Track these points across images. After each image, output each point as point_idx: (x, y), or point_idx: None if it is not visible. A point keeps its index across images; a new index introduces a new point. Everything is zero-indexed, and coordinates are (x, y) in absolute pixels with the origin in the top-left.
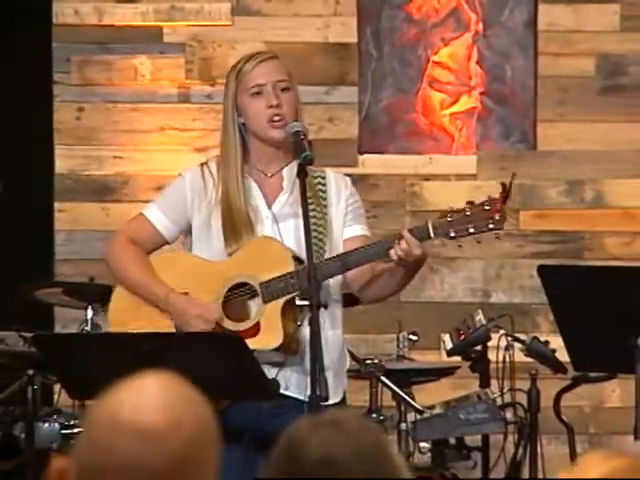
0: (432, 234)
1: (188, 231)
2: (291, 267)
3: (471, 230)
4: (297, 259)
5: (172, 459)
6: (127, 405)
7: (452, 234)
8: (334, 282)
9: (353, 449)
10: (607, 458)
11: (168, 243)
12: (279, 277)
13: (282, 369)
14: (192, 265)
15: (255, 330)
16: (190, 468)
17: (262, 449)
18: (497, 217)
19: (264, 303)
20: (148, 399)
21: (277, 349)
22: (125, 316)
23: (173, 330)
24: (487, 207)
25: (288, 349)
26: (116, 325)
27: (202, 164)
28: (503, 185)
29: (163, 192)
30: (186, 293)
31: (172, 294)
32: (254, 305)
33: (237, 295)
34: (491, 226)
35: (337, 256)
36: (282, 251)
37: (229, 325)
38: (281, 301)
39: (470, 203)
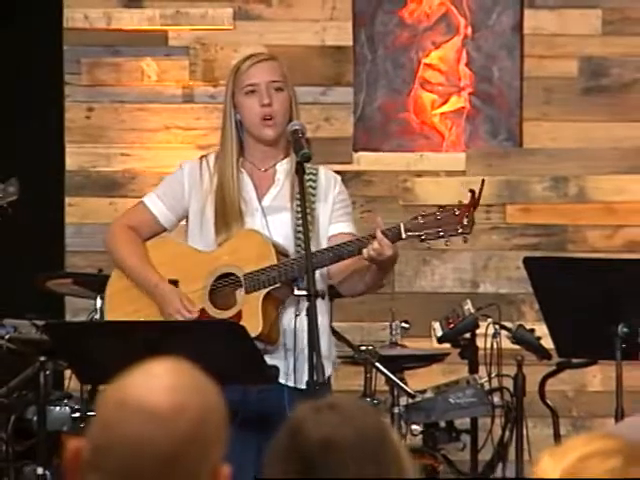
0: (404, 235)
1: (186, 220)
2: (274, 260)
3: (441, 233)
4: (281, 253)
5: (177, 440)
6: (136, 387)
7: (423, 236)
8: (318, 274)
9: (354, 431)
10: (591, 439)
11: (166, 230)
12: (262, 269)
13: (265, 356)
14: (181, 253)
15: (237, 318)
16: (195, 450)
17: (247, 429)
18: (465, 222)
19: (246, 293)
20: (157, 382)
21: (257, 337)
22: (121, 298)
23: (158, 315)
24: (457, 212)
25: (268, 338)
26: (112, 307)
27: (202, 157)
28: (472, 192)
29: (162, 182)
30: (176, 281)
31: (161, 284)
32: (239, 295)
33: (223, 285)
34: (460, 230)
35: (323, 250)
36: (267, 245)
37: (214, 313)
38: (262, 292)
39: (441, 207)
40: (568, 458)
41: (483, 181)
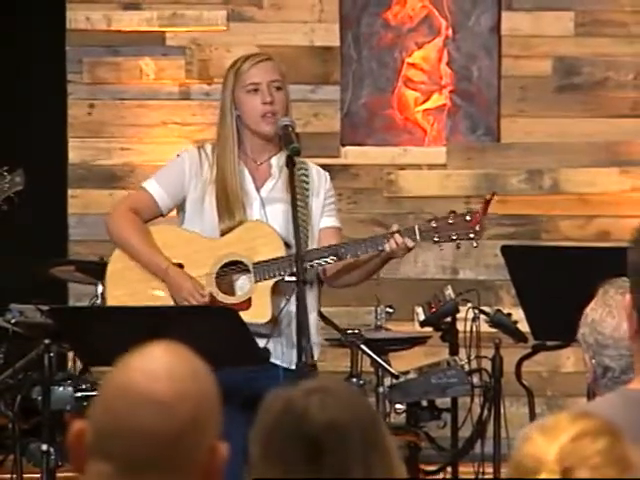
0: (418, 237)
1: (181, 207)
2: (283, 252)
3: (453, 237)
4: (286, 244)
5: (181, 426)
6: (141, 375)
7: (436, 239)
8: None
9: (352, 412)
10: (575, 418)
11: (163, 215)
12: (272, 260)
13: (267, 339)
14: (186, 238)
15: (247, 305)
16: (196, 433)
17: (239, 408)
18: (477, 228)
19: (256, 282)
20: (159, 370)
21: (266, 323)
22: (121, 277)
23: (164, 292)
24: (468, 218)
25: (274, 324)
26: (112, 285)
27: (199, 147)
28: (485, 200)
29: (162, 169)
30: (181, 265)
31: (171, 268)
32: (243, 282)
33: (230, 272)
34: (471, 236)
35: (329, 246)
36: (275, 237)
37: (223, 298)
38: (272, 281)
39: (453, 212)
40: (561, 438)
41: (494, 193)
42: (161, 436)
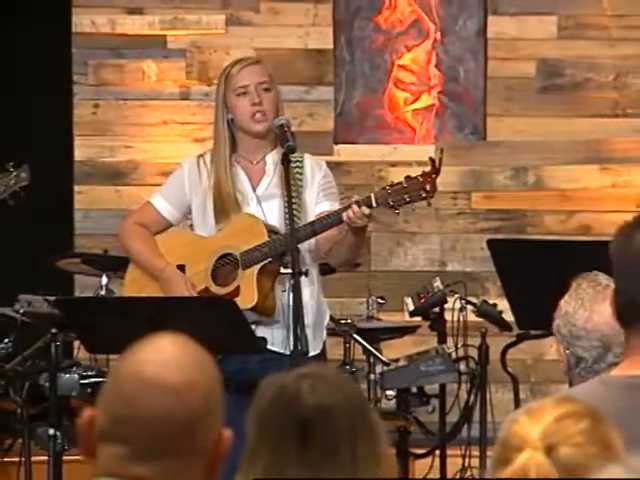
0: (374, 204)
1: (190, 215)
2: (265, 238)
3: (407, 199)
4: (272, 231)
5: (193, 412)
6: (152, 365)
7: (391, 203)
8: (308, 248)
9: (344, 397)
10: (559, 402)
11: (172, 225)
12: (255, 247)
13: (261, 327)
14: (185, 241)
15: (236, 293)
16: (206, 418)
17: (249, 396)
18: (428, 188)
19: (243, 270)
20: (169, 360)
21: (253, 309)
22: (137, 285)
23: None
24: (420, 179)
25: (263, 309)
26: (130, 292)
27: (198, 156)
28: (432, 160)
29: (166, 182)
30: (183, 266)
31: (167, 269)
32: (239, 272)
33: (224, 264)
34: (423, 195)
35: (305, 225)
36: (259, 225)
37: (215, 290)
38: (256, 267)
39: (407, 177)
40: (545, 419)
41: (442, 150)
42: (174, 422)
